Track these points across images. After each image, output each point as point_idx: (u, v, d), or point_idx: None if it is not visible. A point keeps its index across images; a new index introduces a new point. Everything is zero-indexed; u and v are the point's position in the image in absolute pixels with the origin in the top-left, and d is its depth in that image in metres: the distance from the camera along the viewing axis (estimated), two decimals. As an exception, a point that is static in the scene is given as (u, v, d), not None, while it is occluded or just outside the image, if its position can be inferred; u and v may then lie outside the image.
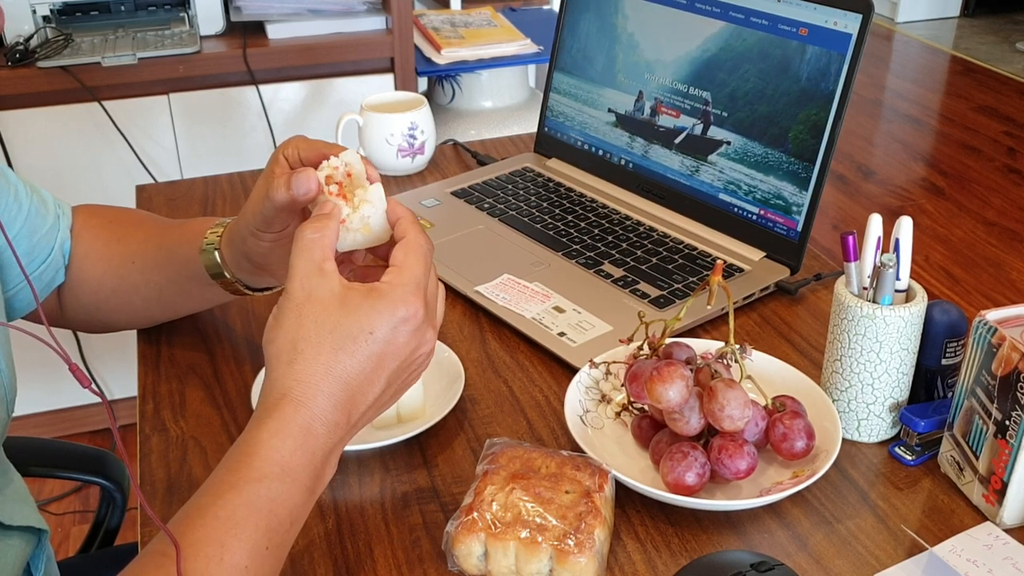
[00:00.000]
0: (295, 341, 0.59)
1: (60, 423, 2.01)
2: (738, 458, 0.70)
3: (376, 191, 0.65)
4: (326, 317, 0.59)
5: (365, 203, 0.64)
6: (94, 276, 0.86)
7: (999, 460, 0.69)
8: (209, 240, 0.80)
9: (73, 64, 1.66)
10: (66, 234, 0.86)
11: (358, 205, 0.64)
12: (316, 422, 0.59)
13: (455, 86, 2.04)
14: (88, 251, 0.87)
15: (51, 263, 0.84)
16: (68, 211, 0.88)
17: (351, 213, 0.64)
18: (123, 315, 0.89)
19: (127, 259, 0.86)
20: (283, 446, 0.57)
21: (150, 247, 0.85)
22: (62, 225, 0.86)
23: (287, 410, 0.58)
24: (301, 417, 0.58)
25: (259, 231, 0.73)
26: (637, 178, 1.14)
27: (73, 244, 0.86)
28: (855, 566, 0.67)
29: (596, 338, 0.89)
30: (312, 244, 0.61)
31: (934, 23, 4.82)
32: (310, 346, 0.59)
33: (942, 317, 0.77)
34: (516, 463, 0.69)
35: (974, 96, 3.88)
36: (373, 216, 0.65)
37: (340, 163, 0.66)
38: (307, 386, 0.58)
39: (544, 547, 0.63)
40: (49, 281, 0.85)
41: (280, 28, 1.80)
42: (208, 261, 0.80)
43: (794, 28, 0.97)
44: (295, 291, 0.60)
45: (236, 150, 1.84)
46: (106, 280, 0.86)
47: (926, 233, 2.84)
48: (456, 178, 1.22)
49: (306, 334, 0.59)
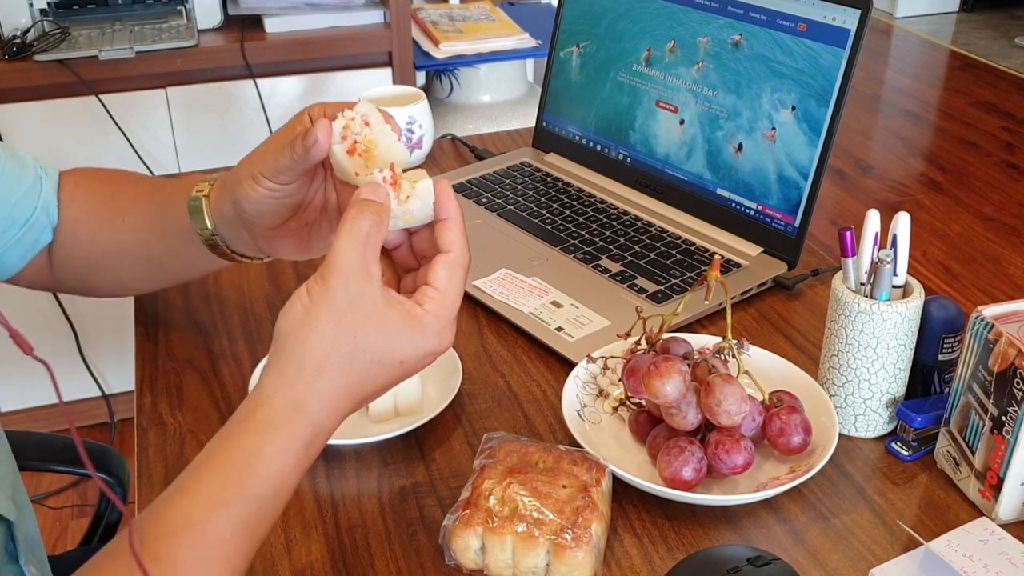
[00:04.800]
0: (328, 353, 0.55)
1: (57, 417, 2.01)
2: (735, 453, 0.70)
3: (425, 187, 0.61)
4: (363, 335, 0.56)
5: (414, 197, 0.60)
6: (85, 236, 0.83)
7: (995, 456, 0.69)
8: (200, 188, 0.77)
9: (70, 58, 1.66)
10: (51, 195, 0.83)
11: (405, 199, 0.60)
12: (320, 436, 0.57)
13: (453, 80, 2.03)
14: (79, 213, 0.84)
15: (33, 224, 0.81)
16: (53, 172, 0.85)
17: (396, 206, 0.60)
18: (113, 279, 0.86)
19: (118, 216, 0.82)
20: (285, 464, 0.55)
21: (141, 203, 0.82)
22: (45, 186, 0.83)
23: (299, 425, 0.56)
24: (309, 432, 0.56)
25: (262, 175, 0.69)
26: (635, 173, 1.14)
27: (64, 205, 0.84)
28: (851, 561, 0.67)
29: (594, 333, 0.89)
30: (368, 239, 0.56)
31: (933, 18, 4.82)
32: (341, 362, 0.56)
33: (939, 313, 0.77)
34: (513, 457, 0.69)
35: (973, 91, 3.88)
36: (419, 212, 0.61)
37: (356, 114, 0.63)
38: (326, 405, 0.56)
39: (541, 541, 0.63)
40: (32, 243, 0.82)
41: (278, 22, 1.80)
42: (194, 210, 0.76)
43: (793, 23, 0.97)
44: (338, 290, 0.55)
45: (234, 144, 1.83)
46: (98, 240, 0.83)
47: (924, 228, 2.84)
48: (454, 172, 1.22)
49: (341, 348, 0.56)
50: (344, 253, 0.56)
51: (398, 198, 0.60)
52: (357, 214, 0.57)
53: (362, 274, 0.56)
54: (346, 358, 0.56)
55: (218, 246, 0.78)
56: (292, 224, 0.74)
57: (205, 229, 0.77)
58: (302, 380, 0.56)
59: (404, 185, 0.60)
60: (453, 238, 0.60)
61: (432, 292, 0.59)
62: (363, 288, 0.56)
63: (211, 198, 0.76)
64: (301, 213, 0.74)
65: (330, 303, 0.55)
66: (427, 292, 0.59)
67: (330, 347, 0.56)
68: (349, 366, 0.56)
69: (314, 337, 0.55)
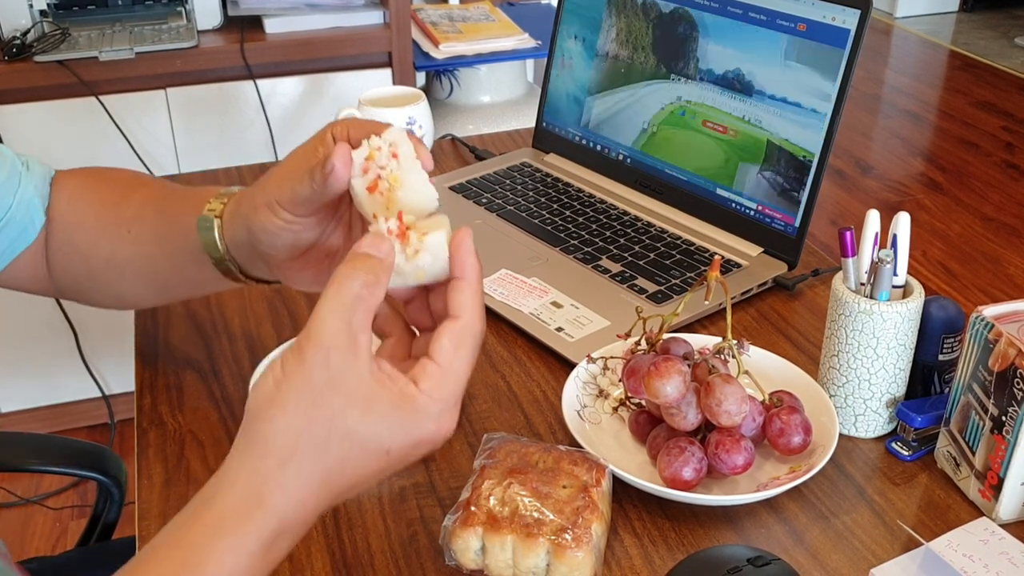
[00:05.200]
0: (298, 439, 0.47)
1: (58, 418, 2.01)
2: (735, 453, 0.70)
3: (436, 241, 0.52)
4: (343, 418, 0.48)
5: (423, 252, 0.52)
6: (86, 243, 0.77)
7: (995, 455, 0.69)
8: (212, 207, 0.70)
9: (70, 59, 1.66)
10: (33, 193, 0.76)
11: (414, 253, 0.52)
12: (286, 535, 0.49)
13: (453, 81, 2.03)
14: (81, 217, 0.78)
15: (7, 224, 0.75)
16: (42, 169, 0.79)
17: (404, 262, 0.52)
18: (113, 292, 0.80)
19: (122, 225, 0.76)
20: (238, 566, 0.47)
21: (148, 214, 0.75)
22: (25, 183, 0.76)
23: (258, 523, 0.47)
24: (271, 531, 0.48)
25: (279, 205, 0.62)
26: (635, 173, 1.14)
27: (63, 208, 0.78)
28: (851, 561, 0.67)
29: (594, 333, 0.89)
30: (357, 303, 0.48)
31: (933, 18, 4.82)
32: (314, 450, 0.47)
33: (939, 313, 0.77)
34: (513, 458, 0.69)
35: (973, 91, 3.88)
36: (432, 268, 0.52)
37: (384, 142, 0.55)
38: (293, 499, 0.48)
39: (541, 541, 0.63)
40: (9, 244, 0.75)
41: (278, 22, 1.80)
42: (205, 231, 0.69)
43: (793, 23, 0.97)
44: (315, 364, 0.47)
45: (234, 145, 1.83)
46: (99, 249, 0.77)
47: (924, 228, 2.84)
48: (454, 173, 1.22)
49: (314, 434, 0.47)
50: (327, 319, 0.47)
51: (405, 252, 0.52)
52: (348, 272, 0.48)
53: (347, 345, 0.47)
54: (320, 445, 0.48)
55: (230, 271, 0.71)
56: (312, 255, 0.67)
57: (217, 252, 0.70)
58: (265, 470, 0.47)
59: (413, 237, 0.52)
60: (464, 302, 0.52)
61: (432, 368, 0.50)
62: (347, 362, 0.47)
63: (224, 219, 0.69)
64: (321, 244, 0.67)
65: (305, 380, 0.47)
66: (426, 367, 0.50)
67: (301, 432, 0.47)
68: (323, 455, 0.48)
69: (283, 420, 0.47)
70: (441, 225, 0.53)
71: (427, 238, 0.52)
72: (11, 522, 1.87)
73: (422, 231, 0.52)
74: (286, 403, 0.47)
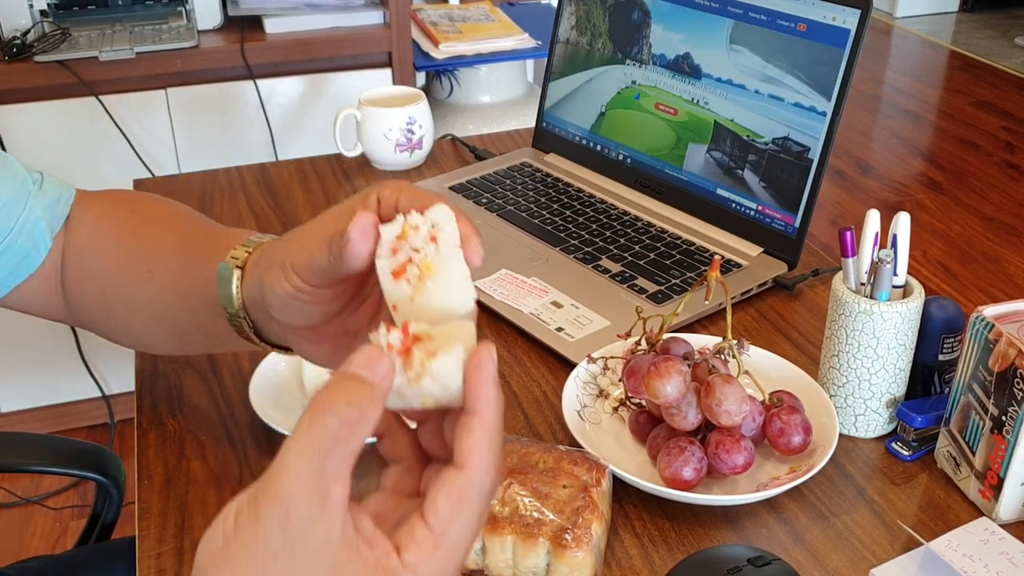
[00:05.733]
0: None
1: (58, 418, 2.01)
2: (735, 453, 0.70)
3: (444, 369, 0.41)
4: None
5: (426, 377, 0.41)
6: (105, 276, 0.71)
7: (995, 456, 0.69)
8: (236, 254, 0.61)
9: (70, 59, 1.66)
10: (40, 215, 0.70)
11: (416, 378, 0.41)
12: None
13: (453, 81, 2.03)
14: (102, 249, 0.71)
15: (6, 249, 0.69)
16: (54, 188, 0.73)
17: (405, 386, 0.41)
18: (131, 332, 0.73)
19: (142, 264, 0.69)
20: None
21: (171, 256, 0.68)
22: (33, 203, 0.70)
23: None
24: None
25: (293, 270, 0.53)
26: (635, 173, 1.14)
27: (88, 236, 0.72)
28: (851, 561, 0.67)
29: (594, 333, 0.89)
30: (333, 445, 0.37)
31: (933, 18, 4.82)
32: None
33: (939, 313, 0.77)
34: (513, 458, 0.69)
35: (973, 91, 3.88)
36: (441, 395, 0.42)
37: (424, 221, 0.45)
38: None
39: (541, 542, 0.63)
40: (9, 272, 0.70)
41: (278, 22, 1.80)
42: (223, 281, 0.61)
43: (793, 23, 0.97)
44: (271, 521, 0.37)
45: (234, 145, 1.83)
46: (117, 285, 0.70)
47: (924, 228, 2.84)
48: (454, 173, 1.22)
49: None
50: (291, 464, 0.37)
51: (407, 374, 0.41)
52: (325, 404, 0.38)
53: (314, 498, 0.37)
54: None
55: (243, 330, 0.62)
56: (329, 330, 0.57)
57: (232, 307, 0.61)
58: None
59: (417, 357, 0.41)
60: (472, 449, 0.41)
61: (422, 534, 0.39)
62: (312, 520, 0.37)
63: (246, 271, 0.61)
64: (342, 319, 0.57)
65: (257, 541, 0.37)
66: (415, 532, 0.39)
67: None
68: None
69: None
70: (460, 338, 0.42)
71: (434, 363, 0.41)
72: (11, 522, 1.87)
73: (431, 350, 0.41)
74: (233, 566, 0.37)
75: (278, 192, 1.21)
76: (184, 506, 0.72)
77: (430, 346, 0.41)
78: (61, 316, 0.76)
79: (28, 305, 0.74)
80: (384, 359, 0.40)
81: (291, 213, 1.15)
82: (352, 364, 0.40)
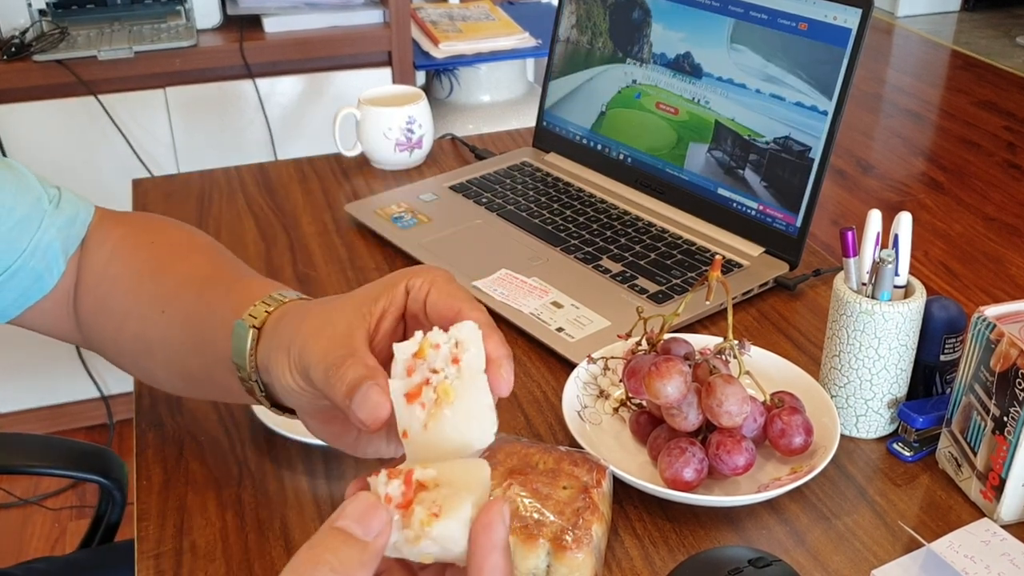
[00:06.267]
0: None
1: (57, 419, 2.01)
2: (736, 454, 0.69)
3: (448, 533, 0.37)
4: None
5: (425, 540, 0.37)
6: (119, 308, 0.68)
7: (997, 456, 0.69)
8: (255, 312, 0.57)
9: (69, 58, 1.66)
10: (55, 235, 0.67)
11: (416, 538, 0.37)
12: None
13: (453, 80, 2.03)
14: (119, 279, 0.68)
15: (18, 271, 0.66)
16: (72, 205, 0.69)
17: (402, 543, 0.37)
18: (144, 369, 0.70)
19: (156, 302, 0.66)
20: None
21: (187, 292, 0.65)
22: (47, 223, 0.67)
23: None
24: None
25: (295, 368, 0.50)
26: (636, 173, 1.14)
27: (106, 263, 0.68)
28: (853, 562, 0.67)
29: (594, 333, 0.89)
30: None
31: (934, 17, 4.82)
32: None
33: (941, 313, 0.77)
34: (513, 459, 0.69)
35: (974, 91, 3.88)
36: (437, 555, 0.38)
37: (447, 339, 0.41)
38: None
39: (541, 543, 0.63)
40: (20, 294, 0.67)
41: (277, 21, 1.80)
42: (237, 339, 0.57)
43: (794, 23, 0.96)
44: None
45: (233, 144, 1.83)
46: (131, 319, 0.67)
47: (925, 228, 2.84)
48: (454, 172, 1.21)
49: None
50: None
51: (405, 533, 0.37)
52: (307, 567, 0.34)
53: None
54: None
55: (254, 392, 0.59)
56: (338, 414, 0.53)
57: (244, 368, 0.57)
58: None
59: (417, 515, 0.37)
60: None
61: None
62: None
63: (263, 332, 0.56)
64: None
65: None
66: None
67: None
68: None
69: None
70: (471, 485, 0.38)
71: (437, 526, 0.36)
72: (10, 523, 1.87)
73: (435, 507, 0.37)
74: None
75: (277, 192, 1.20)
76: (183, 507, 0.72)
77: (435, 499, 0.37)
78: (73, 339, 0.73)
79: (39, 326, 0.72)
80: (380, 513, 0.36)
81: (290, 213, 1.15)
82: (344, 515, 0.36)
